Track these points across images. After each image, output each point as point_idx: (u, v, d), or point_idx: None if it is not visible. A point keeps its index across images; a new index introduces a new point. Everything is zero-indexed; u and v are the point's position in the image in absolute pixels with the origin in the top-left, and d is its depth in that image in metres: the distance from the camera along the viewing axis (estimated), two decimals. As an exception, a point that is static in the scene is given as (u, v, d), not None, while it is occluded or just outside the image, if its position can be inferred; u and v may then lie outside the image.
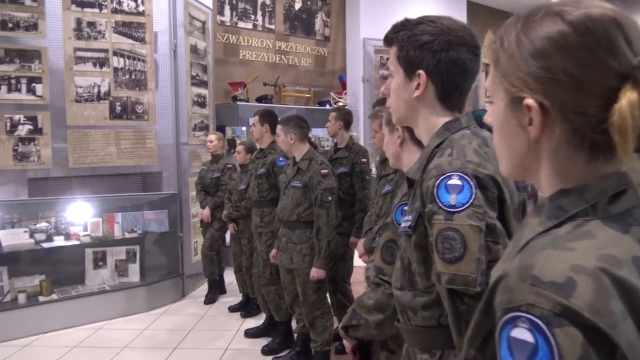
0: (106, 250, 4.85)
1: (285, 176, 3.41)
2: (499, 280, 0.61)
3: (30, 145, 4.68)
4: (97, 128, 4.97)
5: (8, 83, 4.57)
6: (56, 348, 3.91)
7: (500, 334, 0.58)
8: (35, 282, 4.44)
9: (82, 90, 4.87)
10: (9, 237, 4.36)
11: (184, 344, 3.99)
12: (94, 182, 5.00)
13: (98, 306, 4.49)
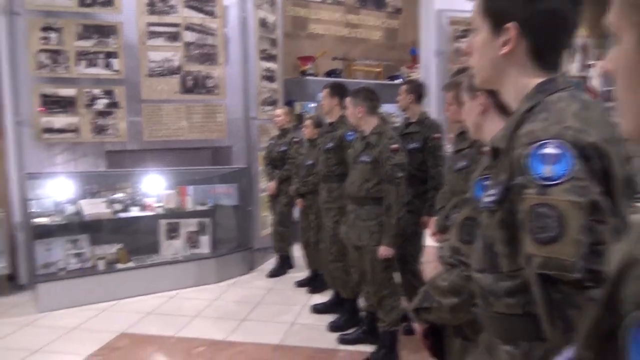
0: (179, 221, 4.98)
1: (354, 151, 3.30)
2: (629, 266, 0.49)
3: (108, 118, 4.85)
4: (169, 102, 5.07)
5: (87, 58, 4.73)
6: (132, 314, 4.08)
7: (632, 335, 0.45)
8: (113, 250, 4.64)
9: (155, 65, 4.97)
10: (89, 206, 4.56)
11: (251, 316, 4.04)
12: (166, 155, 5.12)
13: (171, 275, 4.64)
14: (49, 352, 3.44)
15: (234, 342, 3.56)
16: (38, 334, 3.73)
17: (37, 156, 4.72)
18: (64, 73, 4.67)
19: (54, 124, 4.69)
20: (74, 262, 4.48)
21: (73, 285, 4.28)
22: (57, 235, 4.47)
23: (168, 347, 3.50)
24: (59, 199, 4.58)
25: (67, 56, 4.66)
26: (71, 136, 4.76)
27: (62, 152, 4.84)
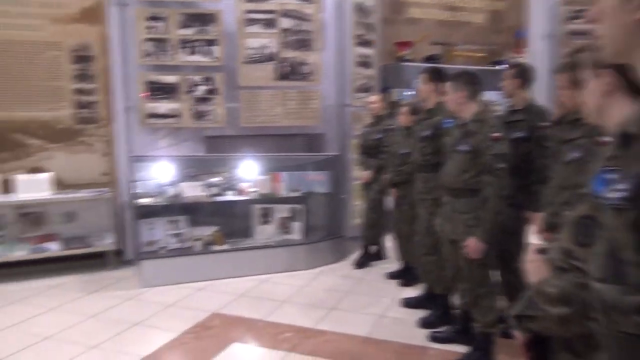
0: (272, 207, 5.04)
1: (451, 139, 3.10)
2: None
3: (207, 104, 4.99)
4: (265, 89, 5.12)
5: (189, 46, 4.89)
6: (225, 294, 4.19)
7: None
8: (210, 232, 4.80)
9: (253, 52, 5.03)
10: (188, 189, 4.74)
11: (340, 305, 3.99)
12: (262, 141, 5.19)
13: (263, 260, 4.71)
14: (147, 326, 3.61)
15: (321, 330, 3.53)
16: (139, 307, 3.94)
17: (142, 140, 4.98)
18: (168, 61, 4.87)
19: (158, 109, 4.91)
20: (173, 242, 4.69)
21: (172, 264, 4.48)
22: (159, 216, 4.70)
23: (256, 330, 3.55)
24: (161, 181, 4.80)
25: (171, 44, 4.85)
26: (173, 121, 4.96)
27: (164, 136, 5.07)
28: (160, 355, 3.19)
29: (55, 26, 4.83)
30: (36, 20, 4.77)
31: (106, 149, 5.09)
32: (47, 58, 4.84)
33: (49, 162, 4.91)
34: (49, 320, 3.70)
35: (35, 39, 4.77)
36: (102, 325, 3.64)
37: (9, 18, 4.68)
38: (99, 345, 3.31)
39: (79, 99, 4.98)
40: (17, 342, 3.36)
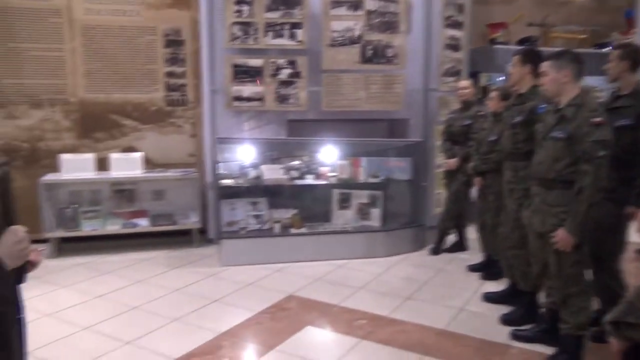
0: (351, 192, 4.99)
1: (544, 125, 2.87)
2: None
3: (290, 88, 5.00)
4: (348, 72, 5.05)
5: (274, 29, 4.91)
6: (302, 277, 4.21)
7: None
8: (288, 215, 4.83)
9: (337, 35, 4.96)
10: (269, 171, 4.80)
11: (417, 295, 3.87)
12: (343, 126, 5.14)
13: (341, 245, 4.68)
14: (225, 304, 3.71)
15: (396, 319, 3.44)
16: (219, 285, 4.06)
17: (227, 122, 5.10)
18: (253, 44, 4.92)
19: (243, 92, 4.99)
20: (253, 223, 4.77)
21: (252, 245, 4.57)
22: (240, 197, 4.80)
23: (331, 315, 3.53)
24: (243, 163, 4.90)
25: (257, 28, 4.89)
26: (257, 104, 5.03)
27: (248, 119, 5.16)
28: (237, 332, 3.26)
29: (150, 11, 5.04)
30: (132, 6, 5.00)
31: (193, 131, 5.28)
32: (143, 42, 5.07)
33: (141, 142, 5.17)
34: (136, 292, 3.91)
35: (132, 24, 5.01)
36: (184, 299, 3.78)
37: (107, 4, 4.94)
38: (181, 318, 3.44)
39: (169, 81, 5.18)
40: (106, 310, 3.57)
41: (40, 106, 4.93)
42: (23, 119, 4.91)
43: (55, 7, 4.84)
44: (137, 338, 3.16)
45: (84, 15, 4.91)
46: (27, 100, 4.89)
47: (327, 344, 3.18)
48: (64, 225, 4.77)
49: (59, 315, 3.48)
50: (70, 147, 5.00)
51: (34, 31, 4.82)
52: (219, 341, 3.14)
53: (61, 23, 4.88)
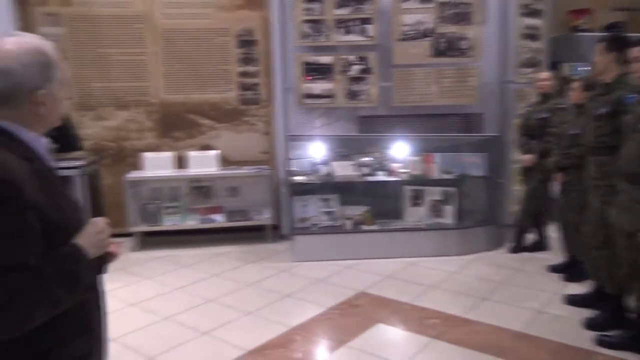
0: (423, 189, 4.90)
1: (633, 117, 2.67)
2: None
3: (360, 84, 4.98)
4: (419, 66, 4.95)
5: (344, 26, 4.91)
6: (372, 274, 4.19)
7: None
8: (360, 211, 4.82)
9: (408, 29, 4.88)
10: (340, 168, 4.81)
11: (492, 295, 3.74)
12: (414, 121, 5.05)
13: (412, 242, 4.61)
14: (297, 299, 3.76)
15: (469, 320, 3.34)
16: (291, 280, 4.13)
17: (298, 120, 5.17)
18: (324, 41, 4.94)
19: (314, 90, 5.03)
20: (325, 220, 4.80)
21: (323, 241, 4.61)
22: (312, 193, 4.84)
23: (402, 313, 3.48)
24: (315, 159, 4.94)
25: (327, 25, 4.91)
26: (328, 101, 5.05)
27: (319, 116, 5.19)
28: (308, 327, 3.30)
29: (223, 13, 5.20)
30: (206, 9, 5.17)
31: (266, 129, 5.39)
32: (217, 44, 5.24)
33: (216, 141, 5.34)
34: (212, 285, 4.05)
35: (206, 27, 5.19)
36: (258, 293, 3.87)
37: (183, 9, 5.14)
38: (253, 312, 3.53)
39: (243, 81, 5.32)
40: (184, 302, 3.73)
41: (126, 107, 5.23)
42: (110, 120, 5.23)
43: (137, 14, 5.11)
44: (212, 329, 3.28)
45: (163, 20, 5.14)
46: (114, 102, 5.20)
47: (398, 342, 3.15)
48: (147, 220, 5.03)
49: (141, 305, 3.68)
50: (152, 146, 5.27)
51: (119, 37, 5.11)
52: (291, 335, 3.20)
53: (143, 28, 5.14)
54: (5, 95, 1.17)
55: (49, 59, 1.22)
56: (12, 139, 1.19)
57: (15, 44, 1.18)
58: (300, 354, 2.97)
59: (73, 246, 1.20)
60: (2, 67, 1.15)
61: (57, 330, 1.20)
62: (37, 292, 1.09)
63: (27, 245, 1.10)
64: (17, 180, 1.09)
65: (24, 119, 1.21)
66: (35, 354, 1.17)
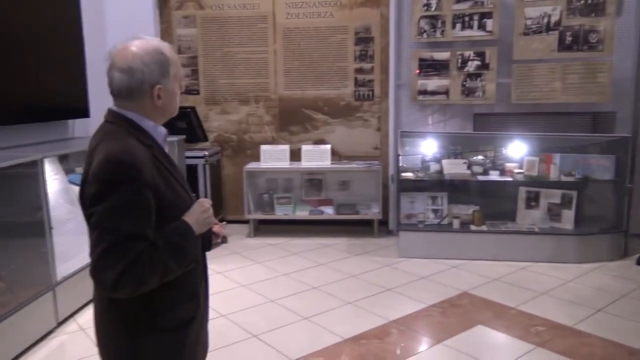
0: (540, 191, 4.64)
1: None
2: None
3: (477, 80, 4.84)
4: (543, 62, 4.69)
5: (462, 21, 4.80)
6: (478, 276, 4.08)
7: None
8: (469, 211, 4.70)
9: (531, 22, 4.64)
10: (450, 166, 4.72)
11: (610, 308, 3.46)
12: (534, 120, 4.80)
13: (525, 246, 4.39)
14: (398, 293, 3.78)
15: (580, 331, 3.13)
16: (394, 275, 4.15)
17: (411, 116, 5.16)
18: (440, 37, 4.87)
19: (428, 86, 4.98)
20: (432, 217, 4.75)
21: (429, 238, 4.56)
22: (420, 190, 4.81)
23: (506, 317, 3.36)
24: (425, 156, 4.90)
25: (444, 20, 4.83)
26: (442, 98, 4.97)
27: (433, 113, 5.14)
28: (406, 321, 3.32)
29: (343, 11, 5.33)
30: (327, 8, 5.35)
31: (379, 124, 5.44)
32: (335, 41, 5.39)
33: (330, 135, 5.51)
34: (317, 274, 4.21)
35: (325, 25, 5.37)
36: (360, 285, 3.96)
37: (305, 8, 5.36)
38: (354, 302, 3.62)
39: (358, 77, 5.42)
40: (290, 287, 3.93)
41: (247, 102, 5.59)
42: (233, 114, 5.62)
43: (262, 14, 5.43)
44: (313, 315, 3.42)
45: (285, 20, 5.41)
46: (237, 97, 5.58)
47: (499, 346, 3.05)
48: (262, 209, 5.34)
49: (251, 287, 3.94)
50: (270, 139, 5.58)
51: (245, 36, 5.47)
52: (388, 328, 3.24)
53: (266, 28, 5.45)
54: (130, 90, 1.36)
55: (166, 58, 1.39)
56: (135, 127, 1.38)
57: (138, 46, 1.37)
58: (396, 347, 3.01)
59: (182, 222, 1.38)
60: (128, 66, 1.34)
61: (167, 296, 1.37)
62: (152, 260, 1.26)
63: (146, 219, 1.28)
64: (138, 164, 1.27)
65: (145, 110, 1.39)
66: (148, 315, 1.37)
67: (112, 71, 1.36)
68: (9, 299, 3.04)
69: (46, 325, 3.22)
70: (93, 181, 1.27)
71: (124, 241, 1.23)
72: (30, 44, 3.89)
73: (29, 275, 3.24)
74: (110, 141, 1.31)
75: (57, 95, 4.27)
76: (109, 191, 1.24)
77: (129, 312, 1.35)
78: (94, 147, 1.34)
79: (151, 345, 1.38)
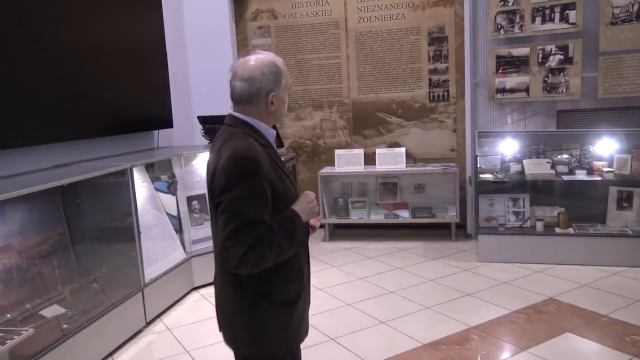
0: (633, 190, 4.33)
1: None
2: None
3: (560, 75, 4.61)
4: (633, 52, 4.38)
5: (542, 14, 4.59)
6: (565, 281, 3.87)
7: None
8: (554, 213, 4.47)
9: (619, 11, 4.36)
10: (532, 166, 4.52)
11: None
12: (624, 114, 4.49)
13: (616, 250, 4.12)
14: (478, 299, 3.66)
15: (684, 342, 2.89)
16: (473, 280, 4.03)
17: (489, 115, 4.99)
18: (518, 33, 4.69)
19: (506, 84, 4.80)
20: (513, 220, 4.57)
21: (510, 242, 4.38)
22: (500, 192, 4.64)
23: (596, 325, 3.15)
24: (505, 157, 4.72)
25: (522, 15, 4.65)
26: (522, 95, 4.78)
27: (512, 111, 4.94)
28: (488, 327, 3.20)
29: (415, 12, 5.27)
30: (399, 10, 5.30)
31: (455, 125, 5.31)
32: (408, 43, 5.34)
33: (404, 138, 5.45)
34: (394, 278, 4.17)
35: (397, 27, 5.33)
36: (438, 289, 3.87)
37: (376, 11, 5.35)
38: (432, 307, 3.55)
39: (432, 78, 5.33)
40: (367, 291, 3.92)
41: (321, 108, 5.65)
42: (307, 120, 5.71)
43: (334, 20, 5.48)
44: (391, 319, 3.39)
45: (357, 24, 5.43)
46: (311, 103, 5.66)
47: (589, 355, 2.87)
48: (337, 213, 5.37)
49: (327, 290, 3.97)
50: (344, 143, 5.60)
51: (318, 42, 5.54)
52: (469, 333, 3.14)
53: (339, 33, 5.50)
54: (249, 96, 1.58)
55: (279, 70, 1.61)
56: (252, 129, 1.60)
57: (257, 59, 1.60)
58: (477, 354, 2.91)
59: (292, 211, 1.58)
60: (249, 75, 1.57)
61: (279, 275, 1.58)
62: (270, 241, 1.47)
63: (265, 206, 1.50)
64: (258, 159, 1.49)
65: (261, 114, 1.61)
66: (264, 291, 1.58)
67: (235, 81, 1.59)
68: (102, 299, 3.26)
69: (136, 325, 3.41)
70: (222, 173, 1.49)
71: (248, 224, 1.44)
72: (118, 60, 4.17)
73: (120, 277, 3.46)
74: (235, 141, 1.53)
75: (142, 108, 4.53)
76: (236, 182, 1.46)
77: (249, 289, 1.57)
78: (220, 146, 1.56)
79: (266, 317, 1.59)
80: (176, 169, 4.19)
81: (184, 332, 3.42)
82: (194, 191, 4.24)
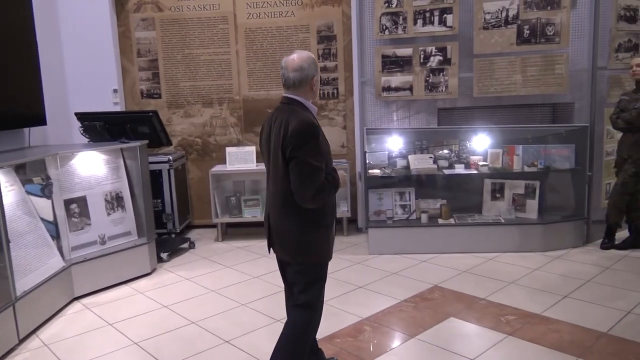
0: (504, 182, 4.72)
1: None
2: None
3: (440, 75, 4.89)
4: (502, 55, 4.77)
5: (423, 17, 4.84)
6: (448, 269, 4.11)
7: None
8: (437, 205, 4.75)
9: (490, 17, 4.71)
10: (416, 161, 4.76)
11: (576, 294, 3.54)
12: (496, 112, 4.88)
13: (491, 237, 4.47)
14: (369, 290, 3.78)
15: (549, 318, 3.19)
16: (365, 272, 4.15)
17: (376, 113, 5.17)
18: (402, 34, 4.90)
19: (391, 82, 5.00)
20: (400, 213, 4.78)
21: (398, 234, 4.58)
22: (388, 186, 4.83)
23: (476, 308, 3.39)
24: (391, 152, 4.92)
25: (405, 17, 4.86)
26: (406, 94, 5.00)
27: (398, 109, 5.16)
28: (379, 318, 3.31)
29: (304, 10, 5.31)
30: (288, 7, 5.31)
31: (344, 122, 5.44)
32: (298, 40, 5.36)
33: (296, 135, 5.46)
34: (288, 274, 4.16)
35: (287, 24, 5.33)
36: (331, 283, 3.84)
37: (266, 7, 5.32)
38: (326, 302, 3.51)
39: (322, 76, 5.40)
40: (260, 290, 3.89)
41: (211, 105, 5.51)
42: (196, 117, 5.53)
43: (223, 14, 5.36)
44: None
45: (246, 20, 5.35)
46: (200, 100, 5.50)
47: (471, 337, 3.07)
48: (229, 212, 5.27)
49: (222, 292, 3.88)
50: (235, 141, 5.51)
51: (206, 37, 5.39)
52: (362, 325, 3.23)
53: (227, 28, 5.38)
54: (300, 82, 2.20)
55: (315, 61, 2.26)
56: (303, 107, 2.23)
57: (300, 55, 2.23)
58: (369, 344, 3.00)
59: (334, 169, 2.28)
60: (300, 66, 2.19)
61: (324, 209, 2.25)
62: (328, 185, 2.18)
63: (324, 161, 2.16)
64: (317, 126, 2.14)
65: (306, 95, 2.25)
66: (316, 219, 2.23)
67: (287, 72, 2.21)
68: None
69: (8, 343, 3.09)
70: (294, 136, 2.08)
71: (317, 171, 2.11)
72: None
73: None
74: (298, 113, 2.16)
75: (9, 102, 4.11)
76: (305, 141, 2.09)
77: (309, 218, 2.21)
78: (286, 119, 2.14)
79: (320, 236, 2.28)
80: (51, 170, 3.85)
81: (64, 346, 3.15)
82: (73, 194, 3.93)
